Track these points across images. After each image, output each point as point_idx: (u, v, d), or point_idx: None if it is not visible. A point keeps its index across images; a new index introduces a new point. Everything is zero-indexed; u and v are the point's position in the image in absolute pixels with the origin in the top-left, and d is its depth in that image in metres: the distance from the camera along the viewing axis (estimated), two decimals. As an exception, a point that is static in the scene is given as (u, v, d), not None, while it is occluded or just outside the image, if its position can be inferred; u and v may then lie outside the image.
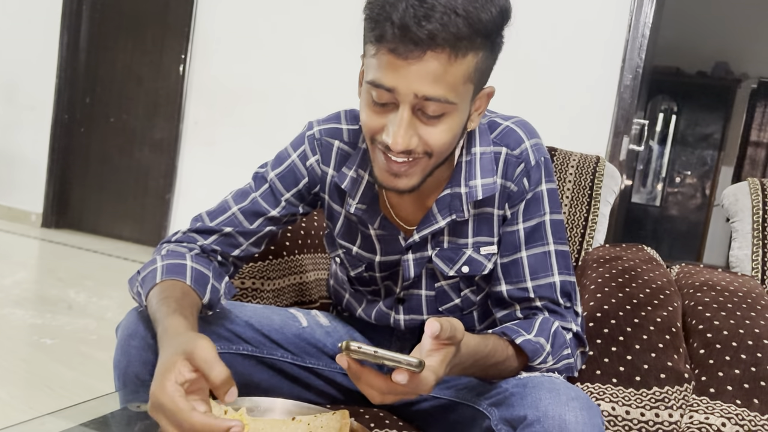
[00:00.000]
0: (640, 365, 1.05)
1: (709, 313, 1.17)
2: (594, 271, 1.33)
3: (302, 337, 1.09)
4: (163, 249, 1.01)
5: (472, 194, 0.96)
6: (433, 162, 0.88)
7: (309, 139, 1.05)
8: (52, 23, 4.32)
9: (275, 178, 1.05)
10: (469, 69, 0.81)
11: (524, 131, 0.98)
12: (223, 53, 3.90)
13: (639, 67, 2.97)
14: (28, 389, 2.03)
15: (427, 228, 0.99)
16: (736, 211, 1.56)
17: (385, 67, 0.80)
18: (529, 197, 0.97)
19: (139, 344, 0.92)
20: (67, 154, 4.45)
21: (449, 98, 0.81)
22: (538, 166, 0.96)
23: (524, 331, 0.91)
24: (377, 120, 0.85)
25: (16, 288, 3.00)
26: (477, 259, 1.00)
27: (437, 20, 0.76)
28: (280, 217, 1.06)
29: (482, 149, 0.97)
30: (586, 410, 0.78)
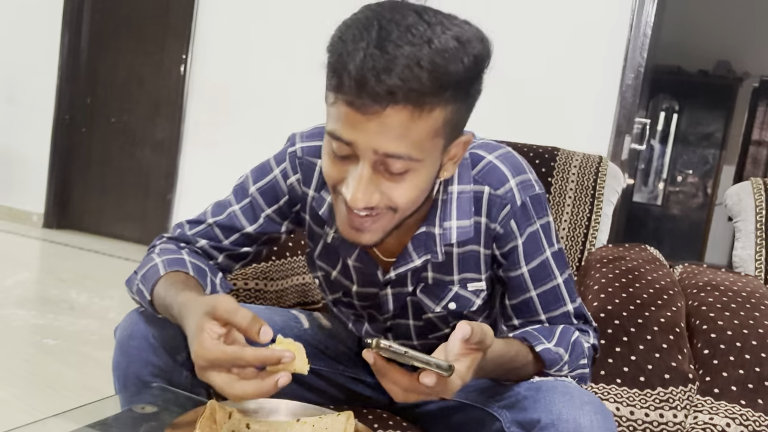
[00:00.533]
0: (645, 366, 1.05)
1: (713, 314, 1.17)
2: (597, 271, 1.32)
3: (303, 339, 1.08)
4: (155, 249, 1.00)
5: (446, 236, 0.90)
6: (399, 217, 0.81)
7: (291, 157, 0.98)
8: (54, 24, 4.32)
9: (256, 193, 0.99)
10: (436, 124, 0.74)
11: (509, 168, 0.90)
12: (224, 54, 3.90)
13: (641, 66, 2.97)
14: (31, 390, 2.03)
15: (403, 266, 0.93)
16: (739, 210, 1.56)
17: (343, 119, 0.73)
18: (525, 240, 0.91)
19: (139, 344, 0.91)
20: (68, 155, 4.45)
21: (413, 155, 0.74)
22: (525, 207, 0.90)
23: (545, 339, 0.89)
24: (337, 171, 0.78)
25: (17, 288, 3.00)
26: (464, 296, 0.96)
27: (398, 74, 0.69)
28: (257, 235, 1.00)
29: (461, 188, 0.90)
30: (601, 414, 0.78)
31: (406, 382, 0.70)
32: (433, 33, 0.71)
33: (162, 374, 0.92)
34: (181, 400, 0.90)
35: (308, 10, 3.64)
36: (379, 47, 0.69)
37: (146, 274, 0.92)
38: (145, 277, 0.92)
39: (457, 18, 0.76)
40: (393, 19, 0.71)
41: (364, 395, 1.11)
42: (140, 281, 0.92)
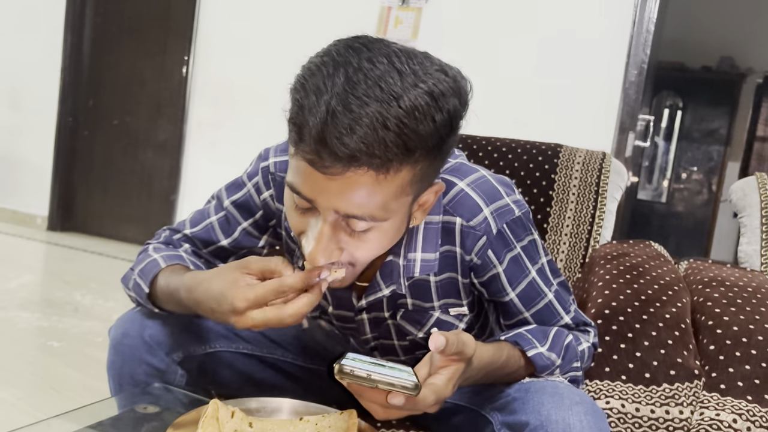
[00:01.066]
0: (650, 362, 1.04)
1: (719, 309, 1.16)
2: (602, 268, 1.32)
3: (301, 339, 1.08)
4: (149, 248, 0.97)
5: (409, 269, 0.86)
6: (359, 269, 0.78)
7: (263, 172, 0.95)
8: (56, 28, 4.33)
9: (231, 206, 0.97)
10: (402, 184, 0.70)
11: (481, 195, 0.85)
12: (226, 54, 3.90)
13: (644, 62, 2.96)
14: (35, 392, 2.03)
15: (372, 295, 0.90)
16: (744, 206, 1.55)
17: (303, 176, 0.69)
18: (506, 267, 0.87)
19: (132, 343, 0.91)
20: (71, 157, 4.46)
21: (376, 216, 0.70)
22: (502, 235, 0.85)
23: (537, 342, 0.88)
24: (299, 222, 0.75)
25: (22, 291, 3.00)
26: (447, 320, 0.94)
27: (361, 137, 0.63)
28: (233, 249, 0.98)
29: (429, 218, 0.85)
30: (591, 415, 0.77)
31: (382, 400, 0.68)
32: (403, 88, 0.65)
33: (156, 373, 0.92)
34: (183, 400, 0.90)
35: (309, 10, 3.63)
36: (342, 103, 0.64)
37: (144, 269, 0.91)
38: (143, 271, 0.91)
39: (434, 62, 0.70)
40: (361, 68, 0.65)
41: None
42: (138, 275, 0.91)
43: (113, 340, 0.93)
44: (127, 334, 0.91)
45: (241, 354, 1.01)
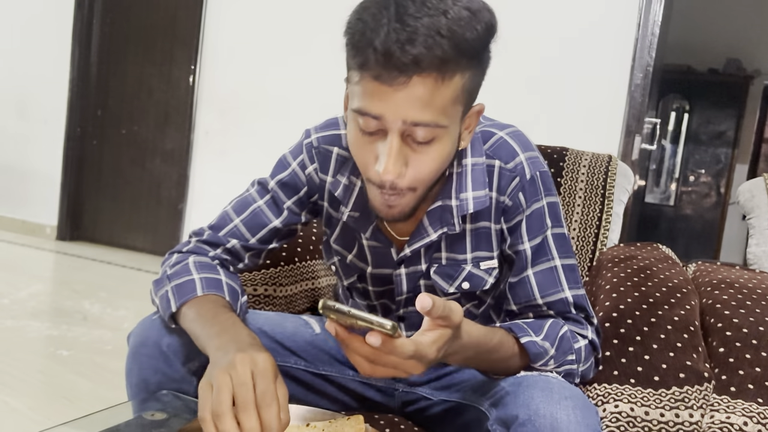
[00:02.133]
0: (659, 365, 1.03)
1: (728, 311, 1.15)
2: (609, 270, 1.31)
3: (315, 344, 1.08)
4: (189, 260, 0.97)
5: (463, 207, 0.92)
6: (419, 194, 0.84)
7: (307, 148, 1.02)
8: (64, 39, 4.37)
9: (276, 186, 1.03)
10: (456, 90, 0.78)
11: (518, 143, 0.93)
12: (232, 63, 3.92)
13: (649, 65, 2.95)
14: (46, 400, 2.04)
15: (418, 242, 0.94)
16: (753, 207, 1.54)
17: (370, 94, 0.76)
18: (529, 214, 0.92)
19: (149, 352, 0.92)
20: (80, 167, 4.49)
21: (439, 122, 0.78)
22: (534, 181, 0.92)
23: (532, 332, 0.89)
24: (367, 150, 0.81)
25: (32, 300, 3.02)
26: (477, 275, 0.97)
27: (421, 44, 0.72)
28: (282, 227, 1.03)
29: (474, 160, 0.92)
30: (580, 409, 0.77)
31: (367, 351, 0.68)
32: (446, 5, 0.74)
33: (172, 383, 0.93)
34: (190, 407, 0.90)
35: (315, 19, 3.65)
36: (399, 21, 0.73)
37: (180, 286, 0.91)
38: (179, 289, 0.91)
39: None
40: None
41: (375, 400, 1.10)
42: (172, 290, 0.91)
43: (132, 348, 0.94)
44: (145, 343, 0.92)
45: None
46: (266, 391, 0.69)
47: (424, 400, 1.05)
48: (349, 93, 0.82)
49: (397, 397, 1.09)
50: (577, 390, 0.82)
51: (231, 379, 0.69)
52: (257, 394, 0.69)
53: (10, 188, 4.64)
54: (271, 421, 0.68)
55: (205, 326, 0.83)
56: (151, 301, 0.97)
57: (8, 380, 2.11)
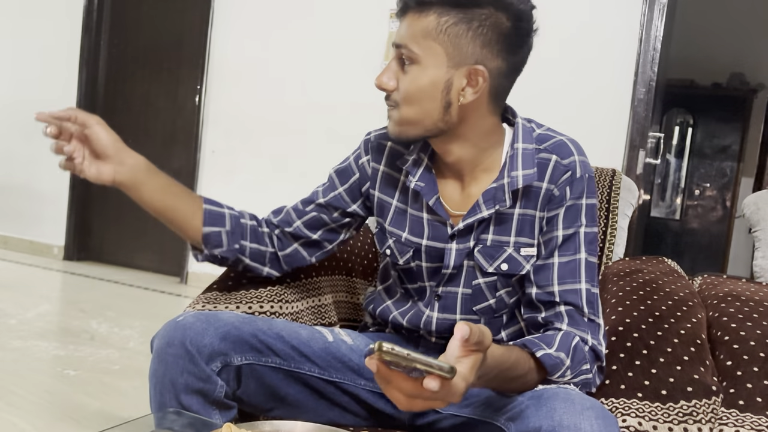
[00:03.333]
0: (666, 379, 1.03)
1: (735, 324, 1.15)
2: (615, 284, 1.31)
3: (329, 350, 1.09)
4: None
5: (513, 183, 1.02)
6: (403, 114, 1.02)
7: (364, 143, 1.18)
8: (71, 59, 4.42)
9: (333, 174, 1.20)
10: (428, 26, 0.96)
11: (575, 148, 1.06)
12: (238, 83, 3.96)
13: (652, 80, 2.97)
14: (53, 420, 2.03)
15: (472, 217, 1.04)
16: (758, 219, 1.54)
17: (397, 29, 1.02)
18: (569, 205, 1.02)
19: (176, 351, 0.93)
20: (87, 187, 4.52)
21: (410, 47, 0.98)
22: (582, 180, 1.03)
23: (545, 346, 0.91)
24: (390, 75, 1.03)
25: (39, 320, 3.03)
26: (516, 259, 1.04)
27: None
28: (326, 205, 1.18)
29: (524, 145, 1.05)
30: (602, 419, 0.78)
31: (410, 388, 0.69)
32: None
33: (198, 382, 0.94)
34: (197, 425, 0.90)
35: (320, 39, 3.69)
36: None
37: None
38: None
39: None
40: None
41: (385, 412, 1.10)
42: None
43: (157, 349, 0.96)
44: (171, 343, 0.94)
45: (269, 367, 1.03)
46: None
47: (434, 413, 1.05)
48: None
49: (408, 410, 1.09)
50: (596, 401, 0.83)
51: None
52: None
53: (19, 209, 4.67)
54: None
55: None
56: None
57: (16, 400, 2.11)
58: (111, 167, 1.10)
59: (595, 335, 0.99)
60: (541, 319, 1.01)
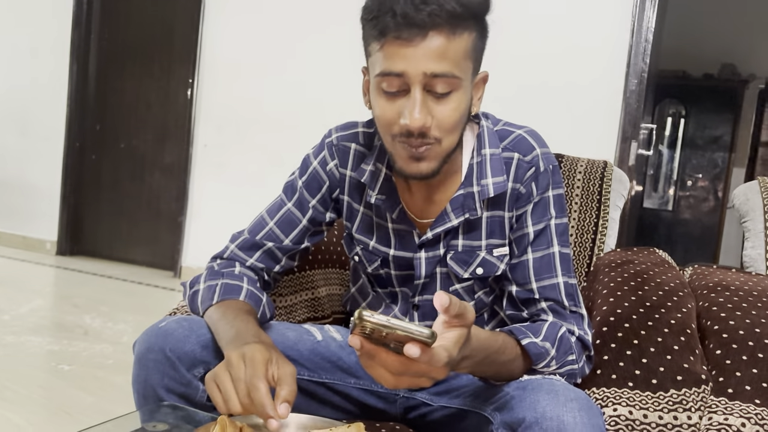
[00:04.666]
0: (656, 368, 1.04)
1: (724, 314, 1.16)
2: (606, 275, 1.32)
3: (317, 351, 1.09)
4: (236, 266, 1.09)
5: (484, 192, 1.00)
6: (445, 147, 0.92)
7: (328, 146, 1.11)
8: (62, 54, 4.39)
9: (302, 187, 1.12)
10: (467, 45, 0.88)
11: (535, 140, 1.03)
12: (230, 77, 3.94)
13: (644, 72, 2.97)
14: (48, 415, 2.04)
15: (440, 226, 1.02)
16: (748, 210, 1.55)
17: (392, 55, 0.86)
18: (537, 200, 1.00)
19: (156, 357, 0.93)
20: (79, 182, 4.50)
21: (455, 73, 0.87)
22: (546, 173, 1.00)
23: (532, 334, 0.92)
24: (391, 108, 0.90)
25: (32, 316, 3.02)
26: (490, 261, 1.03)
27: (434, 2, 0.83)
28: (310, 226, 1.12)
29: (492, 151, 1.02)
30: (585, 411, 0.78)
31: (394, 363, 0.69)
32: None
33: (180, 386, 0.94)
34: (192, 417, 0.91)
35: (312, 32, 3.68)
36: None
37: (230, 286, 1.02)
38: (227, 287, 1.02)
39: None
40: None
41: (377, 408, 1.11)
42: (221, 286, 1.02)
43: (138, 355, 0.95)
44: (152, 349, 0.93)
45: None
46: (252, 375, 0.77)
47: (424, 406, 1.06)
48: (370, 65, 0.92)
49: (398, 403, 1.10)
50: (581, 392, 0.84)
51: (230, 376, 0.78)
52: (246, 381, 0.78)
53: (11, 204, 4.65)
54: (259, 400, 0.77)
55: (225, 326, 0.92)
56: (185, 284, 1.07)
57: (10, 395, 2.11)
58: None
59: (581, 326, 1.00)
60: (525, 315, 1.02)
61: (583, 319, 1.00)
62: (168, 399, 0.94)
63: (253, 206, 1.24)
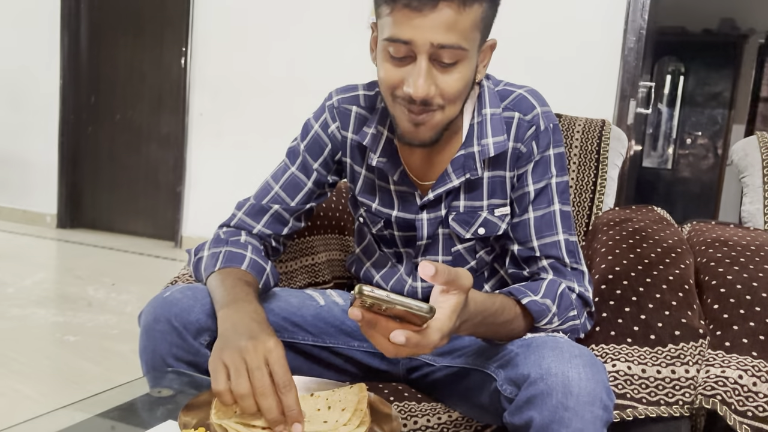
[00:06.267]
0: (655, 324, 1.05)
1: (722, 269, 1.16)
2: (605, 234, 1.32)
3: (320, 316, 1.10)
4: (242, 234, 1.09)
5: (484, 152, 1.00)
6: (448, 115, 0.93)
7: (329, 108, 1.12)
8: (53, 26, 4.34)
9: (304, 151, 1.12)
10: (476, 17, 0.87)
11: (536, 99, 1.03)
12: (224, 45, 3.90)
13: (642, 28, 2.94)
14: (56, 386, 2.07)
15: (441, 187, 1.03)
16: (746, 165, 1.55)
17: (401, 22, 0.86)
18: (538, 159, 1.01)
19: (163, 328, 0.93)
20: (76, 155, 4.49)
21: (462, 45, 0.87)
22: (547, 132, 1.01)
23: (531, 292, 0.93)
24: (396, 73, 0.90)
25: (36, 288, 3.04)
26: (492, 221, 1.04)
27: None
28: (315, 188, 1.13)
29: (492, 111, 1.02)
30: (590, 367, 0.79)
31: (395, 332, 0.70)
32: None
33: (187, 355, 0.95)
34: (197, 383, 0.92)
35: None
36: None
37: (233, 254, 1.01)
38: (231, 255, 1.01)
39: None
40: None
41: (380, 369, 1.12)
42: (224, 254, 1.01)
43: (144, 326, 0.96)
44: (158, 320, 0.94)
45: None
46: (285, 377, 0.74)
47: (427, 366, 1.07)
48: (379, 27, 0.92)
49: (401, 364, 1.11)
50: (585, 348, 0.85)
51: (246, 363, 0.74)
52: (277, 381, 0.74)
53: (9, 179, 4.64)
54: (293, 405, 0.73)
55: (223, 292, 0.91)
56: (190, 251, 1.07)
57: (17, 367, 2.14)
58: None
59: (581, 282, 1.00)
60: (526, 274, 1.03)
61: (583, 275, 1.01)
62: (177, 367, 0.95)
63: (252, 173, 1.24)
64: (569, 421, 0.76)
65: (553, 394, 0.77)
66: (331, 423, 0.77)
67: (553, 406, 0.77)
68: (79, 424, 0.86)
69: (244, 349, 0.76)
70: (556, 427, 0.77)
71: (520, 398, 0.81)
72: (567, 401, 0.76)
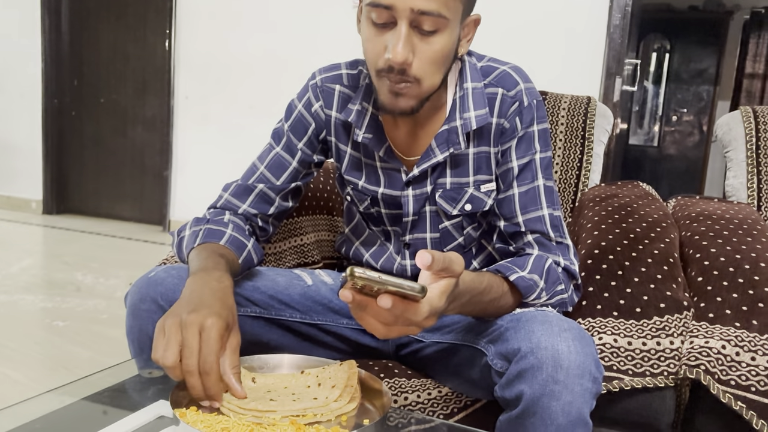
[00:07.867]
0: (640, 297, 1.07)
1: (706, 242, 1.18)
2: (591, 209, 1.33)
3: (308, 295, 1.10)
4: (225, 214, 1.10)
5: (466, 125, 1.01)
6: (425, 89, 0.93)
7: (312, 88, 1.12)
8: (33, 8, 4.26)
9: (288, 131, 1.13)
10: None
11: (519, 76, 1.03)
12: (208, 25, 3.86)
13: (627, 5, 2.93)
14: (46, 371, 2.06)
15: (426, 162, 1.03)
16: (730, 140, 1.56)
17: None
18: (521, 135, 1.01)
19: (149, 307, 0.94)
20: (61, 139, 4.44)
21: (443, 13, 0.87)
22: (531, 108, 1.01)
23: (518, 269, 0.93)
24: (378, 41, 0.91)
25: (23, 274, 3.03)
26: (478, 197, 1.05)
27: None
28: (300, 167, 1.13)
29: (473, 85, 1.02)
30: (579, 340, 0.80)
31: (384, 313, 0.70)
32: None
33: None
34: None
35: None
36: None
37: (213, 231, 1.02)
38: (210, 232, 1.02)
39: None
40: None
41: (370, 346, 1.13)
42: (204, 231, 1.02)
43: (131, 306, 0.96)
44: (144, 299, 0.94)
45: (249, 317, 1.04)
46: (207, 357, 0.75)
47: (416, 342, 1.08)
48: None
49: (390, 341, 1.12)
50: (574, 322, 0.86)
51: (181, 337, 0.76)
52: (200, 360, 0.75)
53: (-8, 165, 4.60)
54: (210, 388, 0.75)
55: (196, 262, 0.92)
56: (174, 233, 1.08)
57: (7, 353, 2.14)
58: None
59: (566, 256, 1.01)
60: (512, 249, 1.04)
61: (568, 249, 1.02)
62: None
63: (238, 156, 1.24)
64: (559, 393, 0.77)
65: (544, 367, 0.78)
66: (321, 400, 0.78)
67: (544, 379, 0.78)
68: (69, 406, 0.86)
69: (183, 322, 0.77)
70: (546, 399, 0.78)
71: (510, 372, 0.82)
72: (557, 374, 0.78)
